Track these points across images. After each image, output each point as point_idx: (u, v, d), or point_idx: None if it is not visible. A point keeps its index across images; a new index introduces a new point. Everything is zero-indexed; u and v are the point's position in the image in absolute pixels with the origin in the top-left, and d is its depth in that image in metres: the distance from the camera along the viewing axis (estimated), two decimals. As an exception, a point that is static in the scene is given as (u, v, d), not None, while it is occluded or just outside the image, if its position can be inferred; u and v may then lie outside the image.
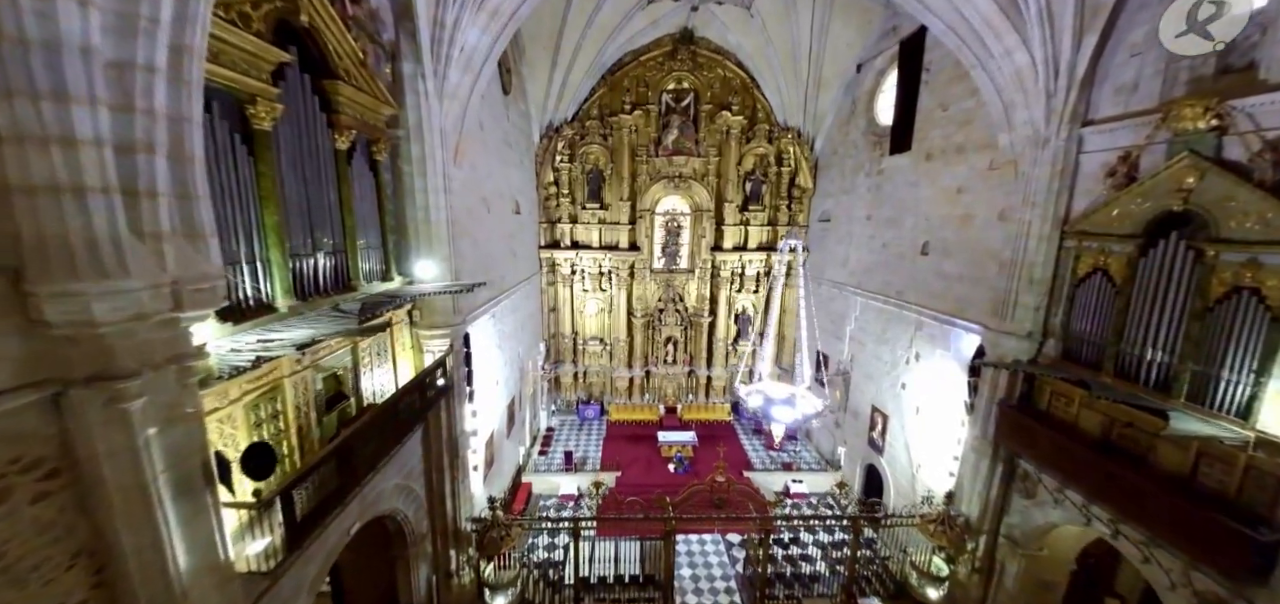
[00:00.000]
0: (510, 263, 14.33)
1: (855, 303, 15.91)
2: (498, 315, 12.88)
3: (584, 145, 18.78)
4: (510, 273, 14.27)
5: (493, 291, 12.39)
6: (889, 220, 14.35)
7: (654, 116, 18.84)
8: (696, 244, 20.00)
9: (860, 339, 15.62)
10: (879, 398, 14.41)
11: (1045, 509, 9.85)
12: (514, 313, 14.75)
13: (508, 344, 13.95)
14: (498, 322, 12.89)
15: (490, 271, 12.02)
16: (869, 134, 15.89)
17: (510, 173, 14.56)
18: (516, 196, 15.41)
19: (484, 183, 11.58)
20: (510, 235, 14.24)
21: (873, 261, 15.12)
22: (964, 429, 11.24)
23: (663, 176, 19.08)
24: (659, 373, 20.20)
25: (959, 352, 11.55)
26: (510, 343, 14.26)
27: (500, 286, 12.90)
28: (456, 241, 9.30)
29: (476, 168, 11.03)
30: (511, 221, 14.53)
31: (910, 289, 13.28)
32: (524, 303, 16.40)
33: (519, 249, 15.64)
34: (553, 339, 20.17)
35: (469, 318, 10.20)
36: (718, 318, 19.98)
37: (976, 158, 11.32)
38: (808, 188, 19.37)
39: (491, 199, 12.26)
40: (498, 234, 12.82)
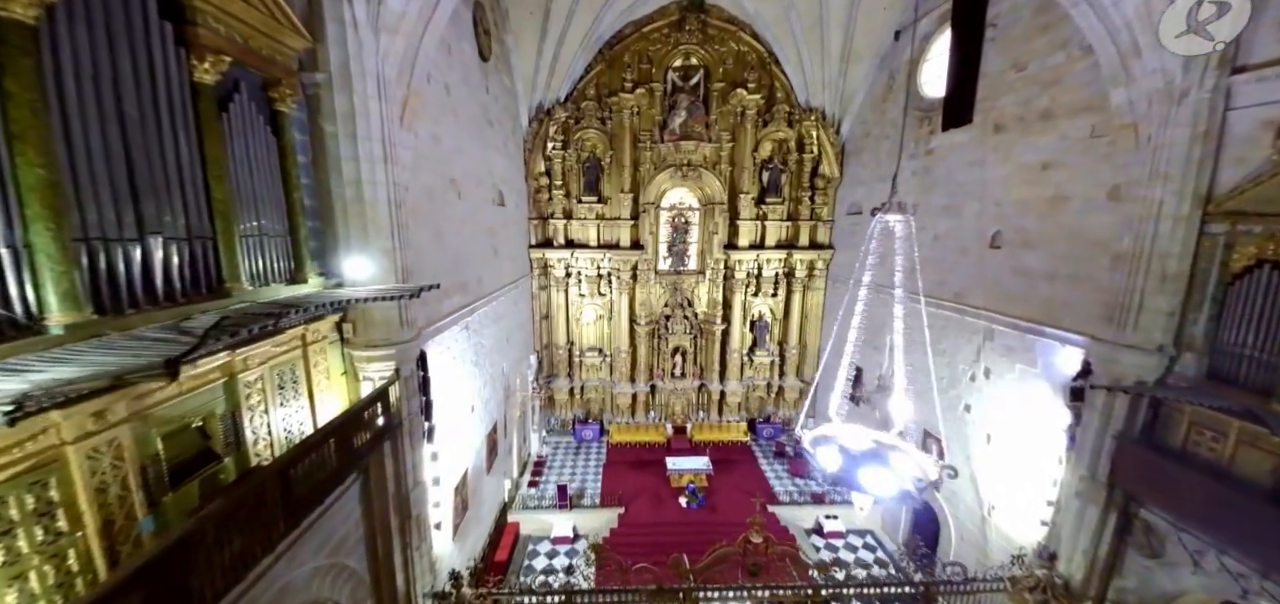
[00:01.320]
0: (491, 263, 11.98)
1: (897, 307, 13.53)
2: (474, 327, 10.51)
3: (579, 130, 16.47)
4: (491, 275, 11.92)
5: (467, 297, 10.04)
6: (943, 209, 12.03)
7: (658, 97, 16.55)
8: (707, 242, 17.67)
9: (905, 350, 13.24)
10: (933, 421, 12.03)
11: (1177, 573, 7.54)
12: (497, 322, 12.39)
13: (489, 360, 11.58)
14: (474, 334, 10.52)
15: (462, 273, 9.67)
16: (912, 110, 13.58)
17: (491, 157, 12.24)
18: (500, 186, 13.08)
19: (452, 161, 9.25)
20: (491, 231, 11.90)
21: (921, 258, 12.70)
22: (1061, 467, 8.89)
23: (668, 165, 16.76)
24: (666, 388, 17.82)
25: (1051, 368, 9.20)
26: (492, 358, 11.89)
27: (476, 292, 10.54)
28: (406, 231, 6.95)
29: (441, 141, 8.70)
30: (493, 214, 12.20)
31: (975, 290, 10.95)
32: (511, 310, 14.03)
33: (503, 247, 13.29)
34: (545, 351, 17.78)
35: (428, 332, 7.84)
36: (732, 325, 17.63)
37: (1070, 124, 9.02)
38: (833, 177, 17.07)
39: (464, 183, 9.93)
40: (473, 228, 10.48)
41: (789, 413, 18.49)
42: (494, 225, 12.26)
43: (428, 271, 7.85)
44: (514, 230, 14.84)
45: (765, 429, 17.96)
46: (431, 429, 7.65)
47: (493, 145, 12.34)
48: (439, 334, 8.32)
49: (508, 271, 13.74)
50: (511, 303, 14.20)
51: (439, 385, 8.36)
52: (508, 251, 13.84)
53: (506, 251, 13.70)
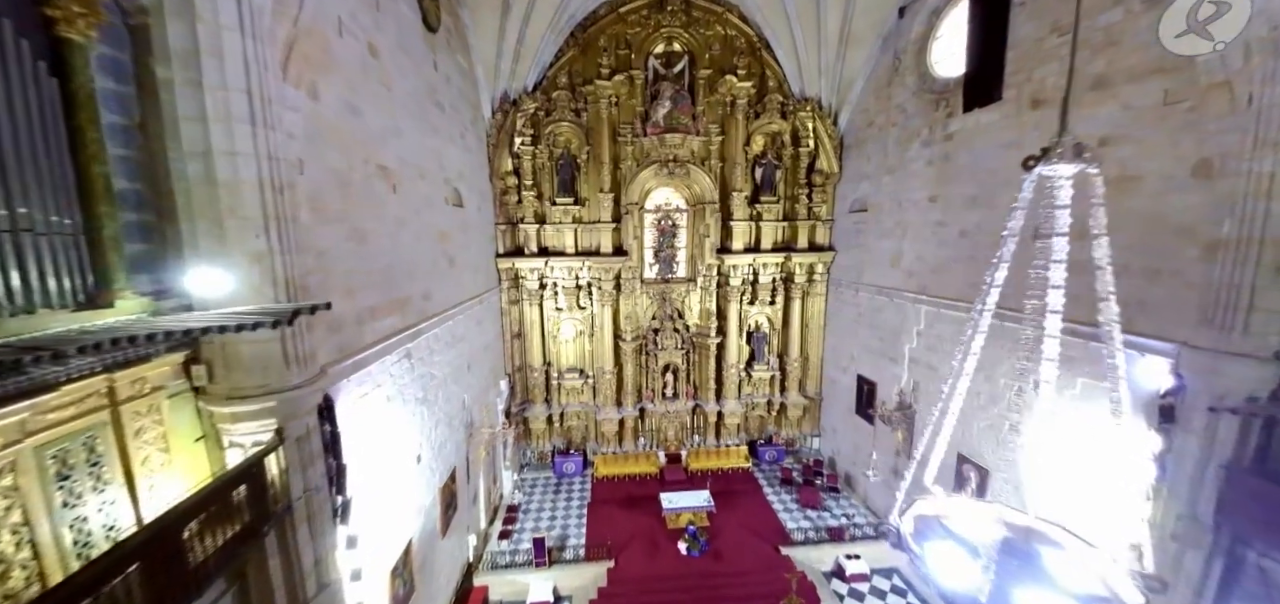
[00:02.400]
0: (445, 276, 9.89)
1: (917, 313, 12.02)
2: (421, 354, 8.40)
3: (551, 123, 14.57)
4: (446, 289, 9.82)
5: (409, 318, 7.93)
6: (970, 200, 10.54)
7: (639, 86, 14.81)
8: (697, 246, 15.90)
9: (928, 362, 11.69)
10: (970, 443, 10.44)
11: (1311, 635, 5.96)
12: (454, 346, 10.26)
13: (443, 393, 9.44)
14: (421, 364, 8.40)
15: (399, 287, 7.57)
16: (923, 93, 12.19)
17: (444, 149, 10.21)
18: (457, 184, 11.03)
19: (382, 144, 7.20)
20: (444, 235, 9.83)
21: (945, 257, 11.27)
22: (1150, 502, 7.29)
23: (652, 161, 14.98)
24: (656, 411, 15.84)
25: (1127, 381, 7.63)
26: (448, 391, 9.75)
27: (422, 311, 8.44)
28: (297, 228, 4.88)
29: (363, 115, 6.66)
30: (447, 217, 10.13)
31: (1015, 290, 9.40)
32: (474, 330, 11.90)
33: (463, 256, 11.21)
34: (518, 374, 15.62)
35: (339, 371, 5.73)
36: (728, 338, 15.83)
37: (1135, 91, 7.58)
38: (832, 172, 15.57)
39: (402, 175, 7.87)
40: (417, 231, 8.41)
41: (792, 432, 16.73)
42: (448, 229, 10.18)
43: (339, 286, 5.77)
44: (477, 237, 12.77)
45: (767, 452, 16.15)
46: (345, 505, 5.51)
47: (445, 134, 10.31)
48: (361, 370, 6.21)
49: (469, 285, 11.64)
50: (475, 321, 12.08)
51: (362, 440, 6.23)
52: (468, 261, 11.75)
53: (467, 261, 11.61)
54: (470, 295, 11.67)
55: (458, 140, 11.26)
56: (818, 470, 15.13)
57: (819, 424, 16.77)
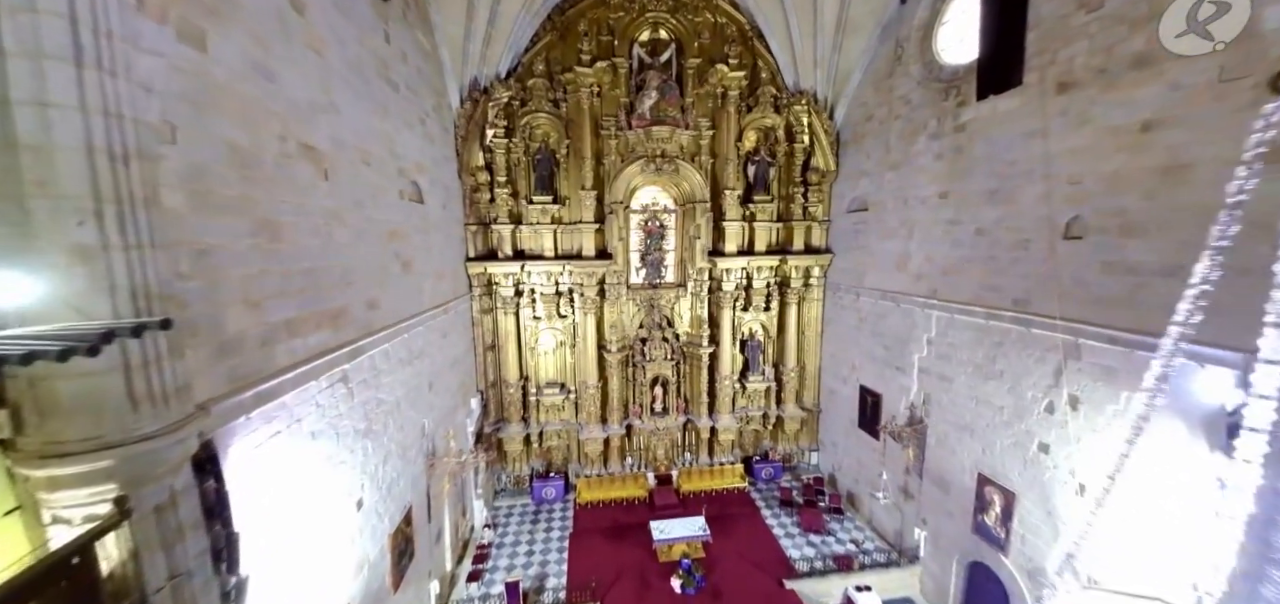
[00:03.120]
0: (399, 282, 8.51)
1: (928, 319, 11.08)
2: (363, 377, 7.01)
3: (527, 114, 13.32)
4: (399, 298, 8.44)
5: (346, 334, 6.56)
6: (988, 195, 9.66)
7: (623, 76, 13.68)
8: (687, 248, 14.79)
9: (941, 372, 10.75)
10: (992, 463, 9.49)
11: None
12: (411, 363, 8.87)
13: (394, 422, 8.04)
14: (364, 388, 7.01)
15: (329, 295, 6.20)
16: (929, 83, 11.35)
17: (399, 135, 8.86)
18: (415, 177, 9.68)
19: (306, 121, 5.85)
20: (396, 234, 8.46)
21: (959, 258, 10.37)
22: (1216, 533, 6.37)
23: (638, 156, 13.83)
24: (645, 428, 14.59)
25: (1184, 395, 6.74)
26: (401, 417, 8.36)
27: (365, 325, 7.04)
28: (166, 216, 3.56)
29: (279, 81, 5.31)
30: (401, 213, 8.77)
31: (1045, 294, 8.52)
32: (437, 344, 10.50)
33: (422, 260, 9.83)
34: (492, 390, 14.20)
35: (235, 408, 4.36)
36: (721, 347, 14.71)
37: (1185, 68, 6.75)
38: (828, 170, 14.67)
39: (336, 160, 6.52)
40: (357, 228, 7.03)
41: (789, 447, 15.68)
42: (403, 227, 8.81)
43: (233, 296, 4.41)
44: (442, 238, 11.38)
45: (764, 469, 15.05)
46: (238, 587, 4.12)
47: (400, 118, 8.96)
48: (270, 402, 4.82)
49: (431, 292, 10.25)
50: (439, 334, 10.67)
51: (271, 494, 4.84)
52: (430, 265, 10.36)
53: (428, 265, 10.23)
54: (433, 304, 10.27)
55: (417, 127, 9.91)
56: (819, 489, 14.08)
57: (817, 438, 15.76)
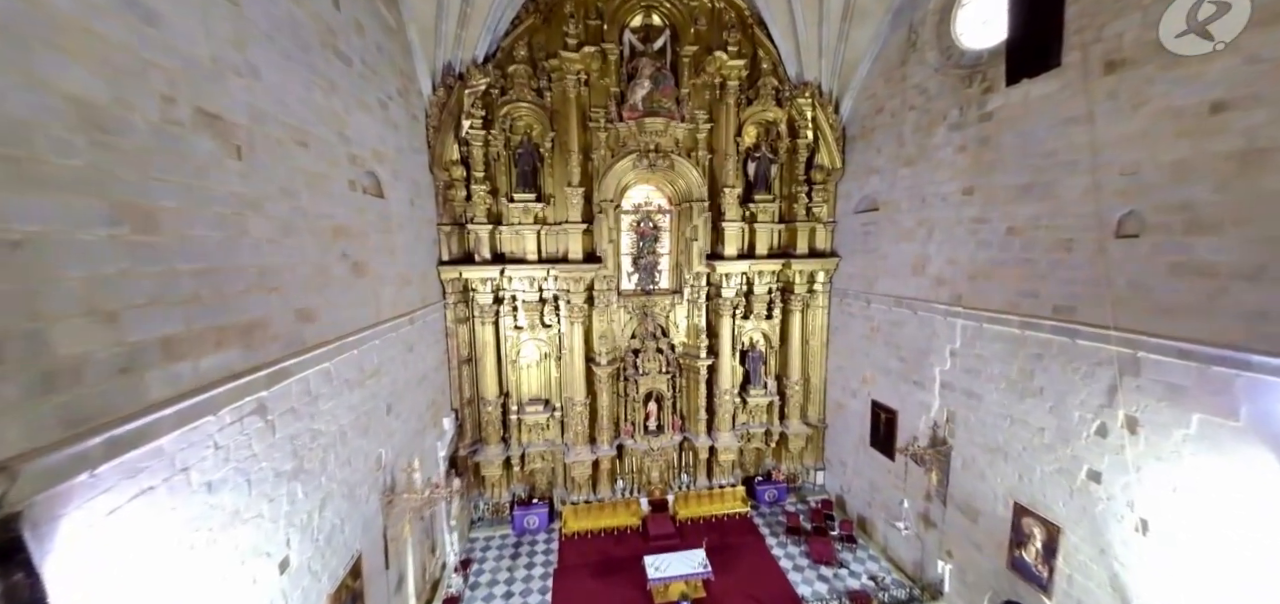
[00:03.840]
0: (345, 287, 7.17)
1: (951, 329, 10.04)
2: (294, 406, 5.66)
3: (508, 104, 12.07)
4: (342, 306, 7.09)
5: (268, 352, 5.21)
6: (1020, 190, 8.65)
7: (613, 64, 12.52)
8: (683, 251, 13.63)
9: (968, 388, 9.70)
10: (1030, 491, 8.42)
11: None
12: (363, 385, 7.52)
13: (336, 458, 6.68)
14: (292, 421, 5.66)
15: (239, 305, 4.86)
16: (948, 70, 10.38)
17: (350, 116, 7.55)
18: (373, 167, 8.36)
19: (208, 81, 4.53)
20: (342, 231, 7.12)
21: (987, 260, 9.35)
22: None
23: (630, 151, 12.66)
24: (638, 448, 13.30)
25: (1272, 419, 5.72)
26: (347, 451, 7.00)
27: (296, 341, 5.69)
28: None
29: (161, 21, 4.01)
30: (349, 207, 7.44)
31: (1093, 300, 7.49)
32: (401, 360, 9.16)
33: (379, 262, 8.49)
34: (468, 408, 12.80)
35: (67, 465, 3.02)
36: (720, 358, 13.52)
37: (1263, 38, 5.79)
38: (834, 167, 13.65)
39: (255, 135, 5.20)
40: (284, 221, 5.70)
41: (794, 466, 14.54)
42: (355, 225, 7.47)
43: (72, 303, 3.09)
44: (408, 238, 10.04)
45: (767, 491, 13.86)
46: None
47: (351, 97, 7.65)
48: (135, 450, 3.48)
49: (392, 300, 8.90)
50: (403, 347, 9.32)
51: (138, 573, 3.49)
52: (392, 269, 9.02)
53: (389, 269, 8.88)
54: (395, 313, 8.92)
55: (376, 111, 8.60)
56: (828, 514, 12.93)
57: (823, 456, 14.64)
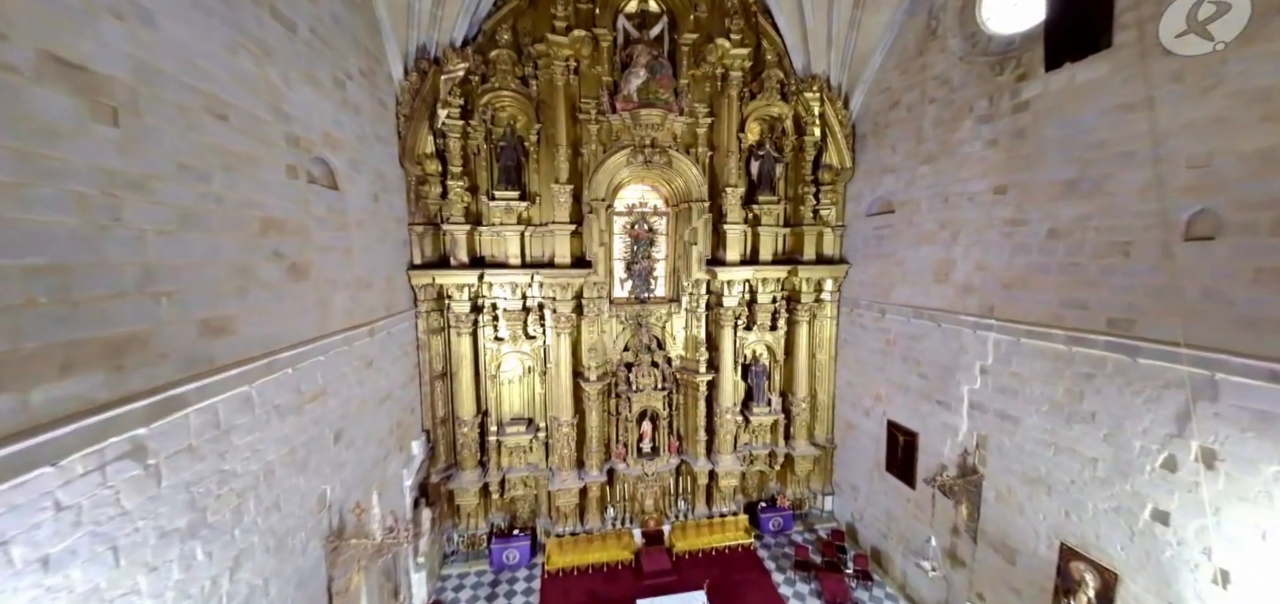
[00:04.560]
0: (276, 294, 5.95)
1: (982, 343, 9.00)
2: (194, 443, 4.44)
3: (490, 92, 10.94)
4: (271, 316, 5.88)
5: (153, 377, 3.99)
6: (1067, 186, 7.66)
7: (606, 51, 11.47)
8: (681, 256, 12.54)
9: (1002, 410, 8.64)
10: (1080, 530, 7.34)
11: None
12: (303, 411, 6.29)
13: (259, 503, 5.45)
14: (193, 466, 4.45)
15: (110, 315, 3.64)
16: (974, 57, 9.45)
17: (292, 91, 6.39)
18: (323, 153, 7.18)
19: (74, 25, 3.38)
20: (273, 225, 5.92)
21: (1024, 267, 8.33)
22: None
23: (624, 145, 11.58)
24: (630, 473, 12.08)
25: None
26: (272, 494, 5.77)
27: (196, 360, 4.46)
28: None
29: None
30: (287, 196, 6.24)
31: (1158, 311, 6.48)
32: (355, 378, 7.92)
33: (328, 264, 7.28)
34: (442, 428, 11.52)
35: None
36: (721, 373, 12.38)
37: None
38: (843, 167, 12.68)
39: (143, 96, 4.04)
40: (182, 210, 4.50)
41: (800, 491, 13.39)
42: (294, 219, 6.27)
43: None
44: (370, 238, 8.83)
45: (771, 518, 12.69)
46: None
47: (297, 71, 6.48)
48: None
49: (345, 308, 7.67)
50: (359, 363, 8.08)
51: None
52: (347, 273, 7.80)
53: (342, 273, 7.67)
54: (350, 324, 7.69)
55: (329, 89, 7.42)
56: (839, 546, 11.78)
57: (832, 480, 13.52)
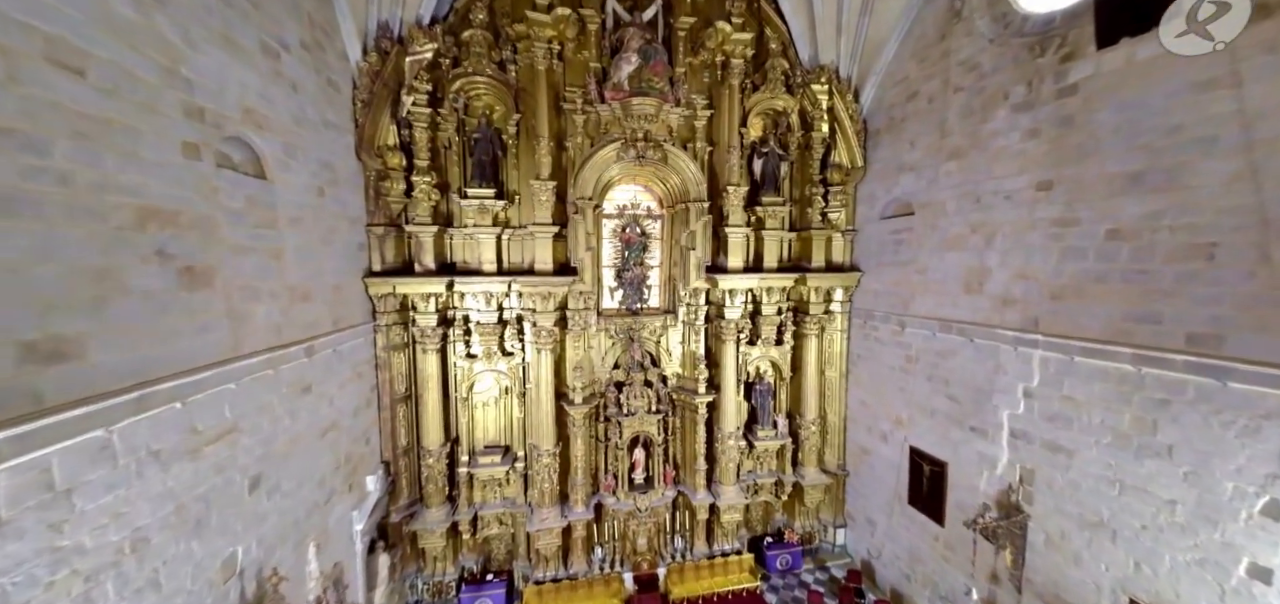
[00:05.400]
0: (158, 307, 4.62)
1: (1025, 362, 7.84)
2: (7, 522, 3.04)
3: (463, 77, 9.69)
4: (137, 339, 4.52)
5: None
6: (1129, 180, 6.56)
7: (594, 34, 10.31)
8: (678, 263, 11.33)
9: (1052, 440, 7.46)
10: (1154, 585, 6.15)
11: None
12: (200, 457, 4.93)
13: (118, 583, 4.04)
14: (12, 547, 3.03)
15: None
16: (1008, 38, 8.39)
17: (200, 51, 5.10)
18: (246, 134, 5.86)
19: None
20: (163, 218, 4.59)
21: (1078, 273, 7.20)
22: None
23: (613, 139, 10.38)
24: (621, 508, 10.71)
25: None
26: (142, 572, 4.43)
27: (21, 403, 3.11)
28: None
29: None
30: (188, 184, 4.93)
31: (1251, 327, 5.36)
32: (282, 410, 6.56)
33: (243, 267, 5.95)
34: (404, 459, 10.08)
35: None
36: (723, 393, 11.11)
37: None
38: (854, 166, 11.60)
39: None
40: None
41: (809, 523, 12.11)
42: (189, 211, 4.93)
43: None
44: (310, 239, 7.49)
45: (779, 556, 11.37)
46: None
47: (205, 27, 5.18)
48: None
49: (269, 324, 6.30)
50: (290, 391, 6.70)
51: None
52: (271, 281, 6.44)
53: (263, 280, 6.31)
54: (278, 342, 6.33)
55: (253, 58, 6.10)
56: (857, 588, 10.50)
57: (845, 510, 12.27)
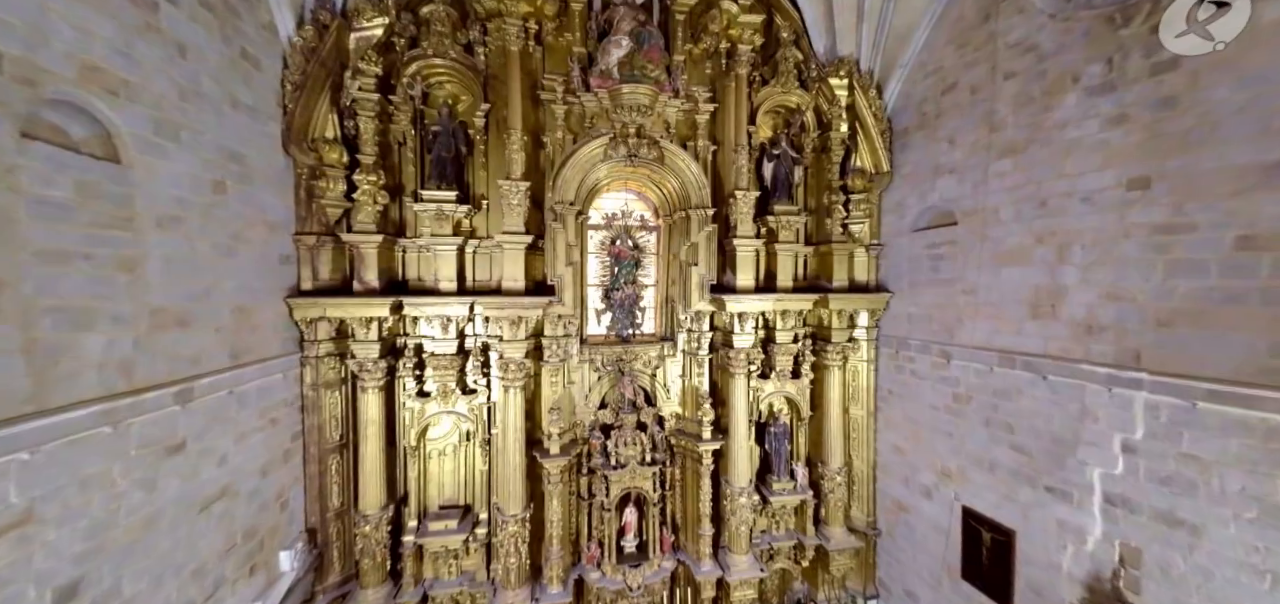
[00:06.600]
0: None
1: (1124, 407, 6.14)
2: None
3: (420, 60, 8.08)
4: None
5: None
6: (1266, 171, 4.96)
7: (577, 16, 8.83)
8: (676, 281, 9.64)
9: (1167, 510, 5.70)
10: None
11: None
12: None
13: None
14: None
15: None
16: (1076, 12, 6.94)
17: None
18: (88, 98, 4.12)
19: None
20: None
21: (1194, 293, 5.57)
22: None
23: (600, 134, 8.79)
24: (608, 587, 8.69)
25: None
26: None
27: None
28: None
29: None
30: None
31: None
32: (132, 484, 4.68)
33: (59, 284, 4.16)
34: (335, 524, 8.08)
35: None
36: (732, 438, 9.28)
37: None
38: (879, 171, 10.10)
39: None
40: None
41: (835, 593, 10.15)
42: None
43: None
44: (194, 246, 5.70)
45: (798, 637, 9.41)
46: None
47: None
48: None
49: (100, 364, 4.47)
50: (150, 454, 4.83)
51: None
52: (115, 303, 4.64)
53: (97, 302, 4.51)
54: (120, 389, 4.50)
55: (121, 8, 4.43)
56: (899, 683, 8.56)
57: (876, 578, 10.36)
